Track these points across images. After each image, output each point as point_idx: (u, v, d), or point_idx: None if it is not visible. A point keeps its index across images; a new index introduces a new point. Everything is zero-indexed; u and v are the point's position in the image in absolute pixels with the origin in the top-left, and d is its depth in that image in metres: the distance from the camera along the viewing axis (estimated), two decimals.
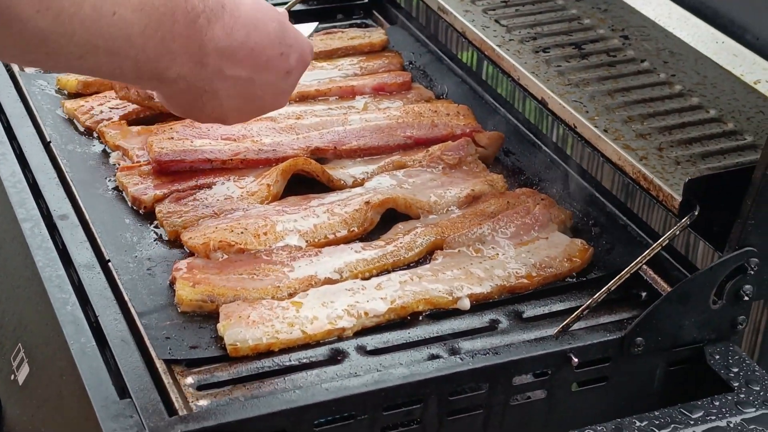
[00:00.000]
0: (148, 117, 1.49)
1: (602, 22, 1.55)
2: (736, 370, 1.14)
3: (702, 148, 1.27)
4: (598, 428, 1.06)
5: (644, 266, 1.23)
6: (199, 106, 1.11)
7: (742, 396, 1.11)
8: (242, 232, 1.25)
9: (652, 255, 1.17)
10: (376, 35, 1.72)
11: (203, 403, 1.05)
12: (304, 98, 1.55)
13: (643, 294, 1.24)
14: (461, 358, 1.10)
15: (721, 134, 1.29)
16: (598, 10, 1.58)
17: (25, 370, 1.16)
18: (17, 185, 1.33)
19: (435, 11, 1.63)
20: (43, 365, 1.14)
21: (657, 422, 1.07)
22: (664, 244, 1.18)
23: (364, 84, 1.58)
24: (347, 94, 1.57)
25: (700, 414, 1.08)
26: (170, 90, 1.09)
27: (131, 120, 1.47)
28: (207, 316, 1.16)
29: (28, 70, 1.60)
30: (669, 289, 1.19)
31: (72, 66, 0.99)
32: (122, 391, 1.04)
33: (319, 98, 1.56)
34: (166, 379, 1.07)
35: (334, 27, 1.76)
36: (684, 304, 1.14)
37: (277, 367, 1.10)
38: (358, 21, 1.80)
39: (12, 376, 1.17)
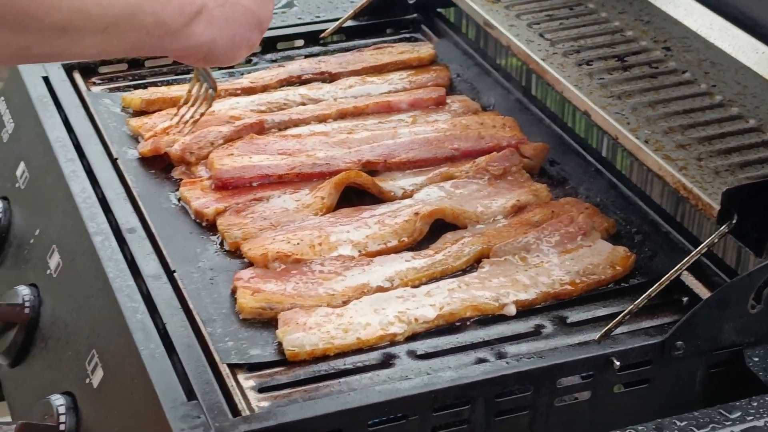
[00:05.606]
0: None
1: (645, 33, 1.59)
2: None
3: (741, 157, 1.30)
4: (639, 428, 1.10)
5: (685, 272, 1.26)
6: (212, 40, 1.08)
7: None
8: (298, 243, 1.32)
9: (691, 262, 1.21)
10: (424, 49, 1.76)
11: (264, 404, 1.11)
12: (344, 115, 1.59)
13: (685, 299, 1.27)
14: (507, 362, 1.15)
15: (760, 144, 1.32)
16: (641, 21, 1.62)
17: (99, 374, 1.23)
18: (87, 200, 1.40)
19: (481, 26, 1.67)
20: (115, 370, 1.21)
21: (696, 422, 1.11)
22: (703, 251, 1.22)
23: (401, 100, 1.62)
24: (383, 109, 1.61)
25: (738, 414, 1.12)
26: (188, 41, 1.05)
27: None
28: (266, 322, 1.22)
29: (94, 89, 1.68)
30: (709, 294, 1.23)
31: (99, 46, 0.96)
32: (189, 394, 1.11)
33: (359, 115, 1.59)
34: (230, 382, 1.13)
35: (384, 42, 1.80)
36: (723, 308, 1.17)
37: (332, 371, 1.16)
38: (407, 35, 1.85)
39: (87, 380, 1.24)
